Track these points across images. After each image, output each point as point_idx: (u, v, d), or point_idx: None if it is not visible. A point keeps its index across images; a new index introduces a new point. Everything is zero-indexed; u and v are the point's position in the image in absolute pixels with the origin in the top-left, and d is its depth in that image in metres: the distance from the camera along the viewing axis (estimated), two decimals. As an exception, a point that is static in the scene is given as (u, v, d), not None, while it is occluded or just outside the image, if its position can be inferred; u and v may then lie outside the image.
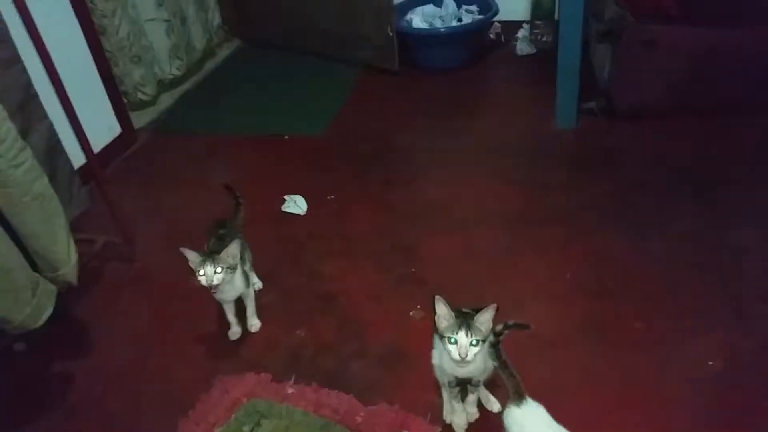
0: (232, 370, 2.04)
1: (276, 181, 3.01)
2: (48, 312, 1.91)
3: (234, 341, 2.17)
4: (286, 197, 2.82)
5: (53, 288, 1.96)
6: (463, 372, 1.68)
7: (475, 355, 1.57)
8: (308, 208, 2.79)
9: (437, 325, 1.61)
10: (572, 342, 2.04)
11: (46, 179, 1.96)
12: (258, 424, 1.84)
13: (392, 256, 2.49)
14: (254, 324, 2.21)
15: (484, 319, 1.58)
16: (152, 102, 3.62)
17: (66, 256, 2.00)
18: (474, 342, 1.56)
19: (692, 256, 2.32)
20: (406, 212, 2.74)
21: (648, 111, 3.12)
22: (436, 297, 1.60)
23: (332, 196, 2.86)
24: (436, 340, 1.68)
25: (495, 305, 1.58)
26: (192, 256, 1.99)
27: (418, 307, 2.22)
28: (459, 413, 1.80)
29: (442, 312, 1.60)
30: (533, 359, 1.93)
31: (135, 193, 3.04)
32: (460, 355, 1.56)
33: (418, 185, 2.91)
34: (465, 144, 3.17)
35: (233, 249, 2.01)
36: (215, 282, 1.97)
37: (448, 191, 2.84)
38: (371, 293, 2.32)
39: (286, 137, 3.35)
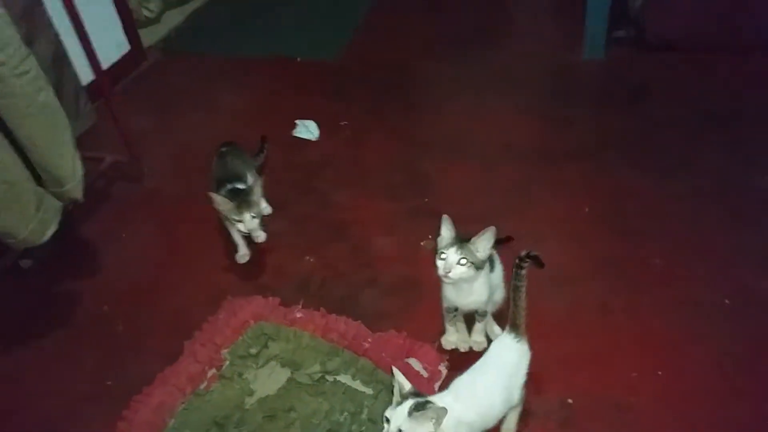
0: (240, 293, 2.01)
1: (287, 105, 2.91)
2: (53, 228, 1.87)
3: (243, 265, 2.14)
4: (297, 122, 2.73)
5: (59, 204, 1.91)
6: (465, 302, 1.64)
7: (461, 277, 1.52)
8: (320, 134, 2.69)
9: (438, 245, 1.56)
10: (590, 278, 1.98)
11: (51, 90, 1.88)
12: (265, 346, 1.82)
13: (406, 186, 2.42)
14: (260, 236, 2.15)
15: (481, 242, 1.52)
16: (157, 19, 3.47)
17: (71, 170, 1.94)
18: (462, 261, 1.50)
19: (718, 197, 2.22)
20: (421, 142, 2.64)
21: (681, 43, 2.94)
22: (444, 216, 1.55)
23: (345, 123, 2.76)
24: None
25: (493, 228, 1.52)
26: (222, 202, 1.96)
27: (429, 237, 2.14)
28: (451, 333, 1.78)
29: (445, 231, 1.55)
30: (550, 293, 1.88)
31: (144, 113, 2.95)
32: (444, 270, 1.51)
33: (435, 115, 2.80)
34: (487, 73, 3.02)
35: (259, 190, 2.00)
36: (254, 227, 1.98)
37: (467, 123, 2.73)
38: (383, 223, 2.26)
39: (299, 60, 3.22)
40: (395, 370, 1.35)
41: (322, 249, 2.18)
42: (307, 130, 2.69)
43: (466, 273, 1.52)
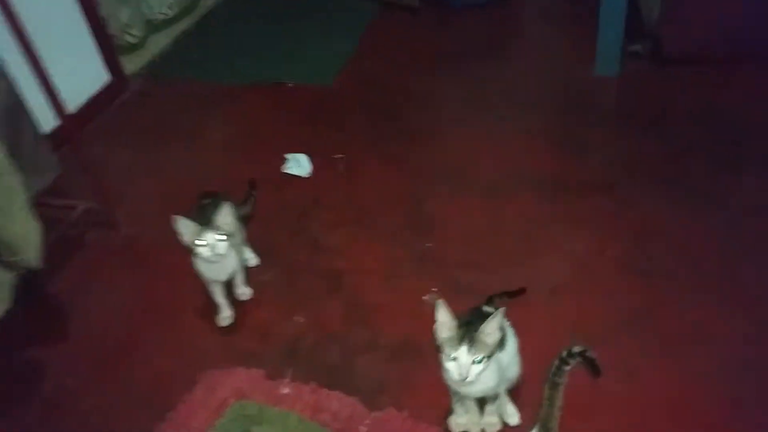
0: (221, 361, 1.79)
1: (278, 136, 2.69)
2: (4, 306, 1.65)
3: (224, 327, 1.91)
4: (287, 156, 2.50)
5: (10, 277, 1.69)
6: (469, 391, 1.41)
7: (478, 374, 1.30)
8: (313, 169, 2.47)
9: (437, 333, 1.33)
10: (617, 336, 1.73)
11: (1, 151, 1.66)
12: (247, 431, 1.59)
13: (407, 227, 2.18)
14: (244, 292, 1.97)
15: (491, 329, 1.30)
16: (141, 44, 3.26)
17: (26, 237, 1.71)
18: (477, 359, 1.28)
19: (758, 231, 1.97)
20: (424, 175, 2.41)
21: (702, 57, 2.69)
22: (438, 302, 1.32)
23: (341, 155, 2.52)
24: None
25: (502, 312, 1.30)
26: (185, 225, 1.75)
27: (434, 290, 1.92)
28: (459, 414, 1.54)
29: (444, 319, 1.32)
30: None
31: (125, 148, 2.74)
32: (460, 375, 1.29)
33: (439, 143, 2.57)
34: (493, 94, 2.78)
35: (226, 212, 1.76)
36: (221, 251, 1.74)
37: (473, 150, 2.49)
38: (383, 272, 2.03)
39: (290, 85, 3.00)
40: None
41: (313, 305, 1.94)
42: (299, 165, 2.47)
43: (483, 369, 1.29)
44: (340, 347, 1.81)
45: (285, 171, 2.47)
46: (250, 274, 2.02)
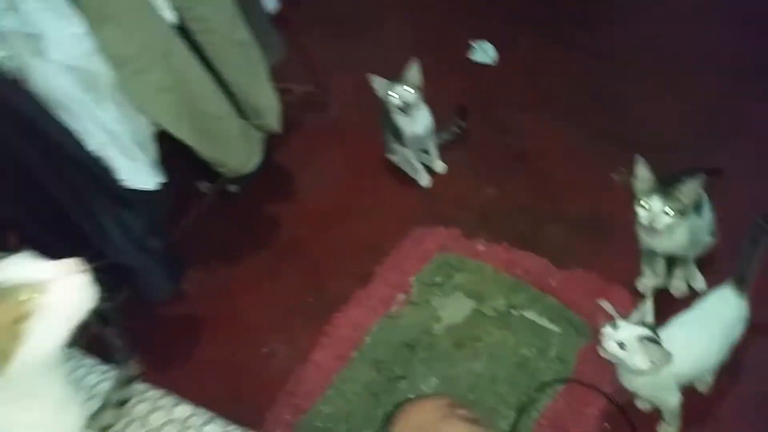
0: (422, 223, 2.07)
1: (461, 24, 2.80)
2: (256, 159, 2.03)
3: (424, 196, 2.18)
4: (473, 44, 2.63)
5: (261, 135, 2.07)
6: (659, 245, 1.54)
7: (667, 225, 1.41)
8: (498, 56, 2.58)
9: (635, 188, 1.47)
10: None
11: (244, 27, 1.98)
12: (450, 277, 1.88)
13: (591, 108, 2.26)
14: (439, 165, 2.22)
15: (688, 190, 1.41)
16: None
17: (270, 103, 2.07)
18: (668, 211, 1.40)
19: None
20: (610, 55, 2.41)
21: None
22: (637, 157, 1.46)
23: (521, 43, 2.61)
24: None
25: (700, 178, 1.39)
26: (378, 81, 2.05)
27: (623, 169, 2.01)
28: (648, 276, 1.68)
29: (641, 174, 1.46)
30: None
31: (325, 40, 3.01)
32: (648, 221, 1.42)
33: (626, 22, 2.54)
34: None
35: (415, 69, 2.03)
36: (410, 100, 2.00)
37: (664, 28, 2.45)
38: (568, 151, 2.16)
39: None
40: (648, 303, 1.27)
41: (502, 180, 2.14)
42: (484, 53, 2.59)
43: (674, 222, 1.42)
44: (529, 216, 2.01)
45: (471, 59, 2.62)
46: (443, 152, 2.25)
